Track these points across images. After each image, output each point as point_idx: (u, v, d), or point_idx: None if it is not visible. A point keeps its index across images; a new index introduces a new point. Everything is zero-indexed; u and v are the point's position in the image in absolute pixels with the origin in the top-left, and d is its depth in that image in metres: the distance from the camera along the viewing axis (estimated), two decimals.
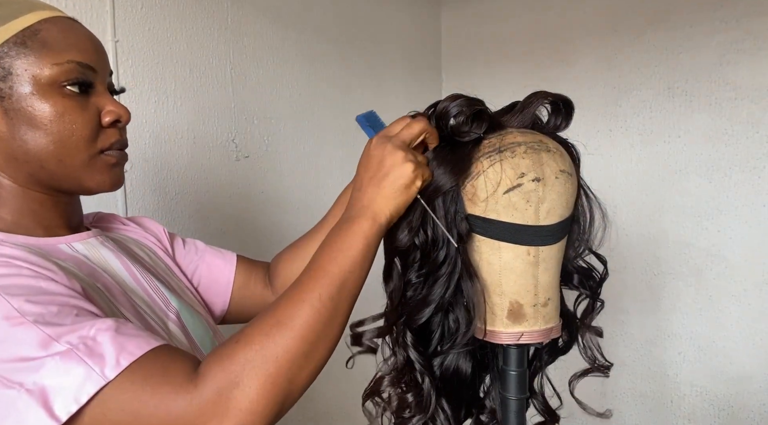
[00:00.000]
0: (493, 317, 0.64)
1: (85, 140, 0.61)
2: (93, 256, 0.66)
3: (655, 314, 1.90)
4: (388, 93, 2.04)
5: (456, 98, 0.63)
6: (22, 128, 0.59)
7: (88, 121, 0.61)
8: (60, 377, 0.46)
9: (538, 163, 0.60)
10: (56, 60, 0.59)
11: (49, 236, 0.64)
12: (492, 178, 0.60)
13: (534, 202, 0.60)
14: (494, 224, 0.61)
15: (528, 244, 0.61)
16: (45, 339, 0.47)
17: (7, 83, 0.58)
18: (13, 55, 0.58)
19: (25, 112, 0.58)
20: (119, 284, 0.65)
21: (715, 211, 1.76)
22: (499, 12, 2.17)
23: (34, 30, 0.59)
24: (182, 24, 1.31)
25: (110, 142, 0.64)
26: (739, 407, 1.76)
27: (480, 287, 0.64)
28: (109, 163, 0.64)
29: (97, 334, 0.48)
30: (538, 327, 0.64)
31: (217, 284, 0.85)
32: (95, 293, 0.59)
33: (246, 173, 1.48)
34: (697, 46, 1.74)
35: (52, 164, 0.61)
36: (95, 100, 0.63)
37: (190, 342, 0.69)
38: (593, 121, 1.94)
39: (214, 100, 1.38)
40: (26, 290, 0.50)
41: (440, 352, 0.67)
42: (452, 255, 0.62)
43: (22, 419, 0.45)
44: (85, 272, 0.61)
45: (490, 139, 0.63)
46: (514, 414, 0.67)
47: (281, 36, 1.59)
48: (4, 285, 0.50)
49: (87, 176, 0.63)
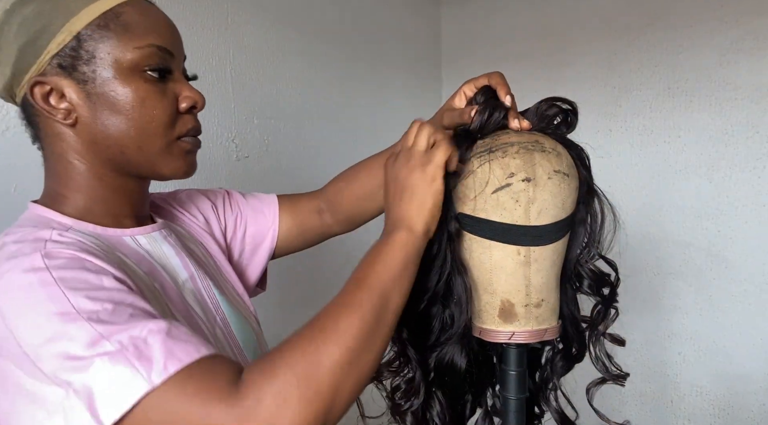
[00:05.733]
0: (485, 316, 0.65)
1: (164, 126, 0.61)
2: (155, 252, 0.66)
3: (655, 315, 1.90)
4: (388, 93, 2.04)
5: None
6: (105, 113, 0.59)
7: (167, 107, 0.61)
8: (107, 379, 0.45)
9: (529, 163, 0.60)
10: (138, 44, 0.58)
11: (116, 226, 0.63)
12: (480, 177, 0.61)
13: (524, 202, 0.60)
14: (483, 223, 0.62)
15: (518, 244, 0.61)
16: (96, 338, 0.46)
17: (91, 67, 0.57)
18: (96, 38, 0.57)
19: (108, 96, 0.58)
20: (175, 284, 0.65)
21: (715, 211, 1.76)
22: (500, 12, 2.17)
23: (116, 13, 0.58)
24: (182, 24, 1.31)
25: (187, 128, 0.64)
26: (739, 407, 1.76)
27: (469, 284, 0.65)
28: (185, 149, 0.64)
29: (148, 335, 0.48)
30: (530, 327, 0.64)
31: (262, 240, 0.86)
32: (151, 294, 0.58)
33: (246, 173, 1.48)
34: (697, 46, 1.74)
35: (132, 150, 0.60)
36: (173, 85, 0.63)
37: (235, 346, 0.69)
38: (593, 121, 1.94)
39: (214, 100, 1.38)
40: (85, 284, 0.50)
41: (436, 345, 0.68)
42: (443, 251, 0.63)
43: (69, 420, 0.45)
44: (144, 270, 0.61)
45: (485, 139, 0.64)
46: (514, 414, 0.67)
47: (281, 36, 1.59)
48: (66, 278, 0.49)
49: (163, 162, 0.63)
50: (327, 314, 0.53)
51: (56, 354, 0.46)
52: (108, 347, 0.46)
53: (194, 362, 0.47)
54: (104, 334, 0.46)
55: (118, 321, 0.48)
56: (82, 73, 0.58)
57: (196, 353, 0.48)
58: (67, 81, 0.58)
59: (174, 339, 0.48)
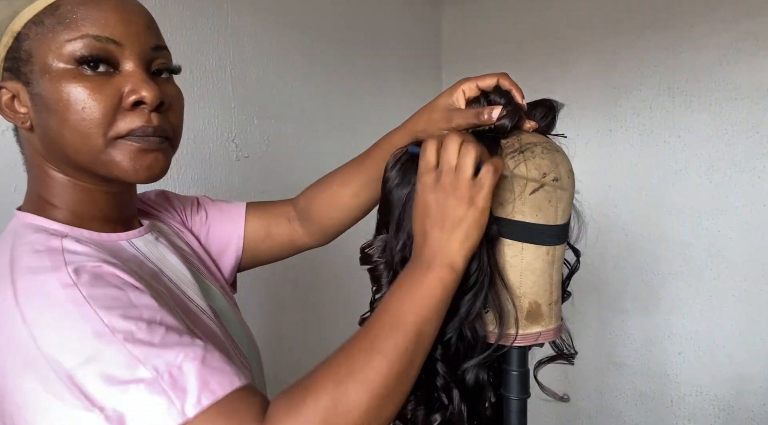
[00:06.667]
0: (511, 320, 0.63)
1: (98, 125, 0.54)
2: (152, 254, 0.63)
3: (655, 315, 1.90)
4: (388, 92, 2.04)
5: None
6: (43, 115, 0.55)
7: (102, 103, 0.53)
8: (140, 407, 0.44)
9: (554, 163, 0.61)
10: (70, 36, 0.53)
11: (109, 231, 0.60)
12: (519, 179, 0.60)
13: (554, 202, 0.60)
14: (519, 226, 0.60)
15: (547, 244, 0.61)
16: (132, 362, 0.45)
17: (29, 67, 0.54)
18: (32, 37, 0.54)
19: (43, 97, 0.54)
20: (177, 285, 0.63)
21: (715, 211, 1.76)
22: (500, 12, 2.17)
23: (54, 6, 0.53)
24: (182, 24, 1.31)
25: (130, 127, 0.55)
26: (739, 407, 1.76)
27: (507, 292, 0.62)
28: (136, 148, 0.56)
29: (183, 362, 0.47)
30: (553, 325, 0.64)
31: (227, 242, 0.82)
32: (161, 299, 0.56)
33: (246, 173, 1.47)
34: (697, 46, 1.74)
35: (72, 152, 0.55)
36: (119, 79, 0.55)
37: (230, 342, 0.68)
38: (593, 121, 1.94)
39: (214, 100, 1.38)
40: (117, 302, 0.48)
41: (464, 365, 0.64)
42: (484, 264, 0.59)
43: None
44: (147, 275, 0.59)
45: (508, 139, 0.63)
46: (516, 414, 0.67)
47: (281, 36, 1.59)
48: (95, 296, 0.48)
49: (110, 163, 0.56)
50: (356, 356, 0.50)
51: (90, 376, 0.45)
52: (144, 373, 0.45)
53: (226, 396, 0.47)
54: (140, 358, 0.46)
55: (153, 340, 0.47)
56: (25, 75, 0.54)
57: (228, 385, 0.47)
58: (19, 84, 0.55)
59: (208, 366, 0.48)
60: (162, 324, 0.49)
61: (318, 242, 0.87)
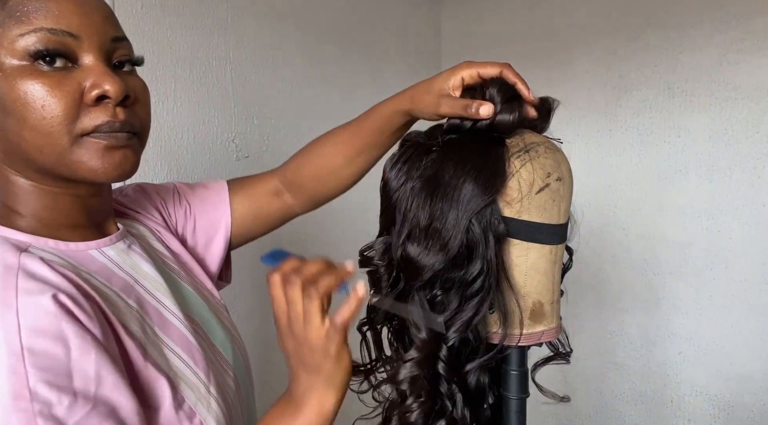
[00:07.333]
0: (515, 320, 0.62)
1: (61, 123, 0.51)
2: (125, 263, 0.60)
3: (655, 314, 1.90)
4: (388, 92, 2.04)
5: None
6: (0, 116, 0.51)
7: (63, 99, 0.50)
8: None
9: (557, 162, 0.61)
10: (22, 30, 0.49)
11: (78, 239, 0.57)
12: (526, 178, 0.59)
13: (558, 201, 0.61)
14: (526, 225, 0.60)
15: (551, 243, 0.61)
16: None
17: None
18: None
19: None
20: (152, 294, 0.60)
21: (715, 211, 1.76)
22: (500, 12, 2.17)
23: (5, 1, 0.50)
24: (182, 24, 1.31)
25: (95, 123, 0.52)
26: (739, 407, 1.76)
27: (512, 292, 0.62)
28: (97, 147, 0.53)
29: None
30: (554, 324, 0.64)
31: (215, 232, 0.80)
32: (128, 316, 0.54)
33: (246, 173, 1.46)
34: (697, 46, 1.74)
35: (35, 154, 0.52)
36: (79, 74, 0.52)
37: (210, 349, 0.65)
38: (593, 121, 1.94)
39: (214, 100, 1.38)
40: (52, 362, 0.44)
41: (466, 367, 0.64)
42: (492, 265, 0.59)
43: None
44: (117, 287, 0.56)
45: (513, 138, 0.63)
46: (515, 414, 0.67)
47: (281, 36, 1.59)
48: (33, 348, 0.44)
49: (76, 163, 0.53)
50: None
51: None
52: None
53: None
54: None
55: (67, 422, 0.44)
56: None
57: None
58: None
59: None
60: (91, 400, 0.46)
61: (309, 209, 0.87)
